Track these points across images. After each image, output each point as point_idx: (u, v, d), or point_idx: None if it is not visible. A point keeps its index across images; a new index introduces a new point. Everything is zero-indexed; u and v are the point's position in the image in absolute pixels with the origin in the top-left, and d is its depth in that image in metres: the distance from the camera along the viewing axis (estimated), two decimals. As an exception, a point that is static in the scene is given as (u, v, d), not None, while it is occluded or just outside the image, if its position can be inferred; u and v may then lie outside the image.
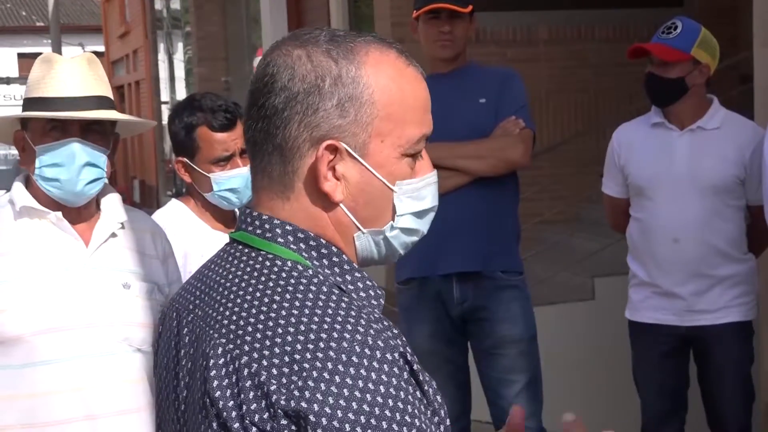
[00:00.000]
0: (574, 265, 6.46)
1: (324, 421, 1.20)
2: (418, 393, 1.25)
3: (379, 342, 1.24)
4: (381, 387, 1.21)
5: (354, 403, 1.20)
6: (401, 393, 1.22)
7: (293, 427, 1.21)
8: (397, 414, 1.21)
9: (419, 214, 1.43)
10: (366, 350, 1.23)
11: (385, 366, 1.23)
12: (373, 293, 1.38)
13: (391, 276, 4.25)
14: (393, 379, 1.22)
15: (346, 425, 1.19)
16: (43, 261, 2.52)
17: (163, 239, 2.79)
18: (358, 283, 1.37)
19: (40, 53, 2.82)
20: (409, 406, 1.22)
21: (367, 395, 1.20)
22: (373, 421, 1.20)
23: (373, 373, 1.22)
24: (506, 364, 3.97)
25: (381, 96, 1.36)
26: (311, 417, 1.20)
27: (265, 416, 1.23)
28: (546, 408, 4.07)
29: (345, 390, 1.20)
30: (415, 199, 1.41)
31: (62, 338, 2.49)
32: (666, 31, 3.88)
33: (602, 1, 7.90)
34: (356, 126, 1.35)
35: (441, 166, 3.77)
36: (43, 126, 2.53)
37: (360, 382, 1.21)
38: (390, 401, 1.21)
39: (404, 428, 1.21)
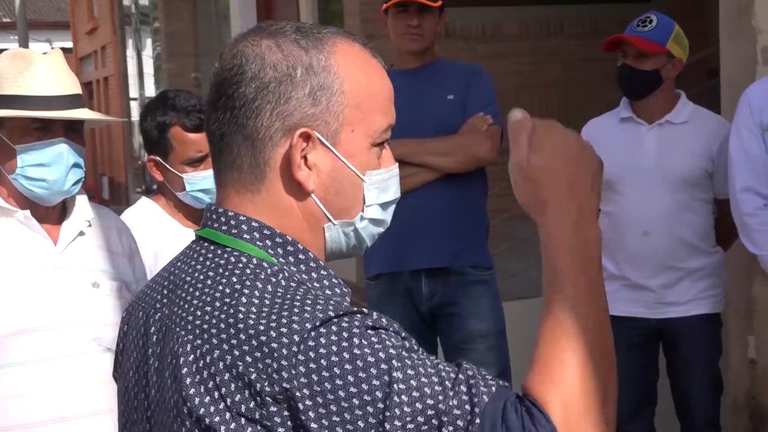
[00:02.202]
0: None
1: (311, 387, 1.20)
2: (394, 337, 1.26)
3: (341, 311, 1.25)
4: (345, 334, 1.22)
5: (323, 360, 1.20)
6: (371, 333, 1.24)
7: (286, 412, 1.21)
8: (375, 345, 1.23)
9: (385, 206, 1.43)
10: (330, 314, 1.24)
11: (354, 323, 1.24)
12: (339, 290, 1.38)
13: (361, 271, 4.25)
14: (363, 328, 1.23)
15: (326, 383, 1.20)
16: (12, 260, 2.50)
17: (128, 236, 2.78)
18: (324, 281, 1.37)
19: (7, 49, 2.79)
20: (385, 338, 1.24)
21: (334, 347, 1.21)
22: (348, 366, 1.20)
23: (333, 326, 1.22)
24: (475, 358, 3.98)
25: (351, 85, 1.36)
26: (298, 393, 1.20)
27: (252, 405, 1.22)
28: (516, 402, 4.09)
29: (312, 353, 1.21)
30: (382, 190, 1.42)
31: (33, 339, 2.47)
32: (641, 24, 3.89)
33: (571, -4, 7.94)
34: (328, 115, 1.35)
35: (409, 163, 3.79)
36: (25, 125, 2.50)
37: (323, 339, 1.21)
38: (362, 340, 1.22)
39: (384, 376, 1.21)
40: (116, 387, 2.50)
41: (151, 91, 17.82)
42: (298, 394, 1.20)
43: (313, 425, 1.20)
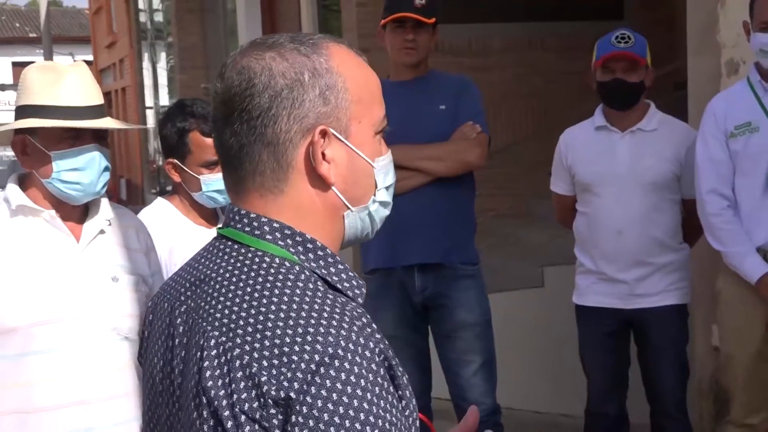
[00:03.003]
0: (525, 256, 6.48)
1: (311, 410, 1.19)
2: (391, 388, 1.24)
3: (362, 339, 1.24)
4: (361, 381, 1.21)
5: (335, 395, 1.19)
6: (377, 388, 1.22)
7: (280, 417, 1.20)
8: (374, 407, 1.20)
9: (389, 188, 1.44)
10: (350, 345, 1.22)
11: (364, 362, 1.22)
12: (355, 283, 1.37)
13: (359, 267, 4.25)
14: (371, 375, 1.22)
15: (325, 415, 1.19)
16: (38, 256, 2.49)
17: (145, 234, 2.78)
18: (342, 275, 1.36)
19: (33, 62, 2.78)
20: (382, 401, 1.22)
21: (348, 388, 1.20)
22: (351, 412, 1.19)
23: (355, 367, 1.21)
24: (463, 346, 3.98)
25: (351, 83, 1.36)
26: (297, 407, 1.19)
27: (255, 405, 1.21)
28: (500, 386, 4.09)
29: (328, 381, 1.20)
30: (386, 173, 1.43)
31: (56, 329, 2.46)
32: (621, 40, 3.88)
33: (551, 14, 7.92)
34: (338, 111, 1.35)
35: (405, 167, 3.79)
36: (58, 133, 2.50)
37: (343, 374, 1.20)
38: (368, 395, 1.20)
39: (378, 420, 1.21)
40: (134, 372, 2.53)
41: (165, 100, 17.80)
42: (297, 407, 1.19)
43: None
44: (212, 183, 3.11)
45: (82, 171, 2.50)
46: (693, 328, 4.30)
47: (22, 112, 2.54)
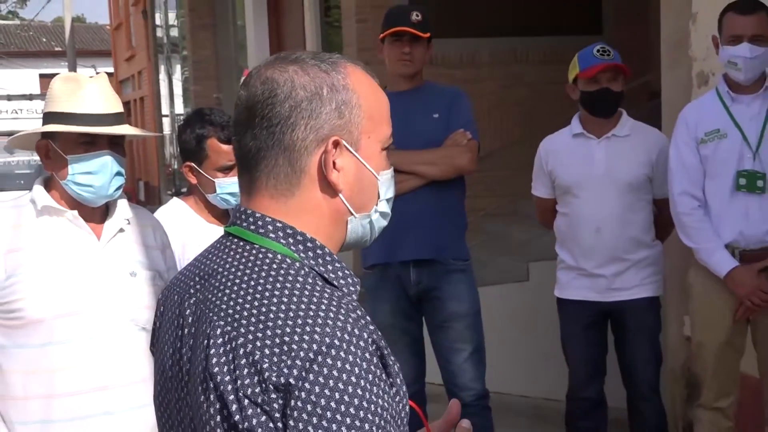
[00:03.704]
0: (512, 252, 6.48)
1: (309, 395, 1.19)
2: (383, 375, 1.25)
3: (356, 330, 1.24)
4: (356, 368, 1.21)
5: (331, 381, 1.19)
6: (370, 375, 1.22)
7: (281, 401, 1.21)
8: (367, 393, 1.21)
9: (389, 201, 1.45)
10: (345, 336, 1.22)
11: (359, 351, 1.22)
12: (351, 281, 1.37)
13: (358, 263, 4.25)
14: (364, 363, 1.22)
15: (322, 400, 1.19)
16: (62, 253, 2.49)
17: (161, 232, 2.78)
18: (338, 272, 1.36)
19: (58, 73, 2.78)
20: (375, 387, 1.22)
21: (344, 375, 1.20)
22: (346, 397, 1.19)
23: (350, 356, 1.21)
24: (455, 335, 3.98)
25: (364, 100, 1.37)
26: (296, 392, 1.19)
27: (257, 390, 1.22)
28: (488, 372, 4.09)
29: (325, 369, 1.20)
30: (388, 187, 1.43)
31: (78, 320, 2.46)
32: (604, 53, 3.87)
33: (535, 29, 7.92)
34: (351, 125, 1.35)
35: (401, 171, 3.79)
36: (75, 138, 2.50)
37: (339, 363, 1.20)
38: (362, 381, 1.21)
39: (371, 405, 1.21)
40: (150, 360, 2.51)
41: (180, 109, 17.81)
42: (296, 392, 1.19)
43: (291, 423, 1.19)
44: (226, 186, 3.12)
45: (94, 174, 2.49)
46: (665, 319, 4.30)
47: (47, 118, 2.54)
